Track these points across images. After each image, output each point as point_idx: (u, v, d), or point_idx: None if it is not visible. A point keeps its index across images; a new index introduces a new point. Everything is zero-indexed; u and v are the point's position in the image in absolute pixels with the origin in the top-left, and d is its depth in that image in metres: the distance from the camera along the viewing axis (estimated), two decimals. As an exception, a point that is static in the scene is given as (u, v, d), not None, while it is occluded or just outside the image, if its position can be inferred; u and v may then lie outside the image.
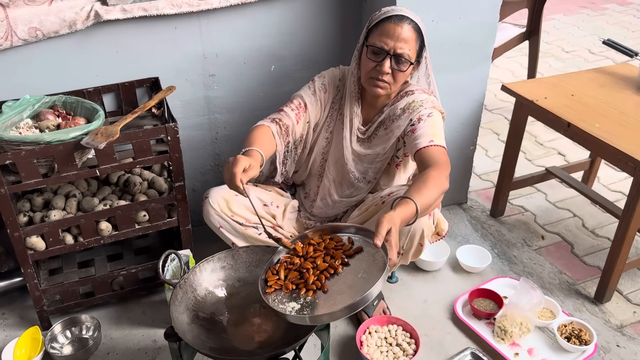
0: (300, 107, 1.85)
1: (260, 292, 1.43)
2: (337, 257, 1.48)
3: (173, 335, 1.46)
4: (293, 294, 1.43)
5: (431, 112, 1.76)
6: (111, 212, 1.82)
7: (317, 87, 1.88)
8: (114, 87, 1.97)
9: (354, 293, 1.37)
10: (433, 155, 1.66)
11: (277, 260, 1.53)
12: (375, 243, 1.37)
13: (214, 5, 1.95)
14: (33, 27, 1.78)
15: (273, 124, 1.80)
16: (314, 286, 1.43)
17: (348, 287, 1.41)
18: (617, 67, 2.45)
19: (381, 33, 1.68)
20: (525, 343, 1.89)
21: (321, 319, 1.36)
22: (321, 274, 1.45)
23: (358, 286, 1.40)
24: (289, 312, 1.38)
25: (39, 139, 1.62)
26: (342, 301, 1.37)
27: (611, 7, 5.39)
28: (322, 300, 1.40)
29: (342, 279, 1.45)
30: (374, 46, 1.69)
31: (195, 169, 2.31)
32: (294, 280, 1.45)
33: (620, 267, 2.02)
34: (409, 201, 1.47)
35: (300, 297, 1.42)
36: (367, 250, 1.50)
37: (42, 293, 1.87)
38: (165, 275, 1.68)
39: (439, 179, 1.57)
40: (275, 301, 1.42)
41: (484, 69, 2.27)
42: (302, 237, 1.58)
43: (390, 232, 1.39)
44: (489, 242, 2.40)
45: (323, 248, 1.52)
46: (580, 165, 2.66)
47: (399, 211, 1.44)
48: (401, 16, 1.68)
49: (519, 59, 4.13)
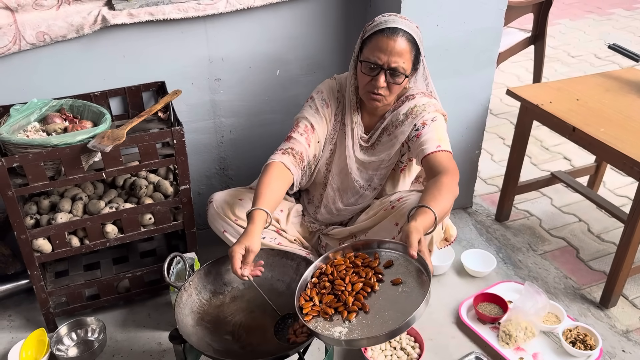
0: (307, 129, 1.83)
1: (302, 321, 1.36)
2: (369, 274, 1.44)
3: (178, 338, 1.46)
4: (334, 318, 1.37)
5: (435, 117, 1.76)
6: (117, 215, 1.83)
7: (319, 105, 1.86)
8: (121, 91, 1.99)
9: (400, 308, 1.33)
10: (441, 161, 1.66)
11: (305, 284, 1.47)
12: (411, 254, 1.36)
13: (220, 9, 1.96)
14: (41, 32, 1.80)
15: (285, 155, 1.78)
16: (355, 307, 1.37)
17: (391, 303, 1.37)
18: (623, 71, 2.45)
19: (374, 48, 1.66)
20: (530, 348, 1.88)
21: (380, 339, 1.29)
22: (358, 293, 1.40)
23: (401, 300, 1.36)
24: (339, 337, 1.31)
25: (46, 142, 1.63)
26: (390, 318, 1.32)
27: (617, 12, 5.38)
28: (369, 320, 1.35)
29: (382, 296, 1.40)
30: (367, 61, 1.68)
31: (201, 173, 2.32)
32: (332, 304, 1.39)
33: (625, 272, 2.01)
34: (428, 210, 1.47)
35: (344, 321, 1.35)
36: (397, 263, 1.46)
37: (48, 295, 1.88)
38: (170, 277, 1.68)
39: (451, 186, 1.58)
40: (317, 328, 1.35)
41: (489, 73, 2.28)
42: (324, 258, 1.52)
43: (420, 242, 1.39)
44: (494, 246, 2.39)
45: (351, 266, 1.48)
46: (585, 169, 2.65)
47: (420, 220, 1.44)
48: (394, 29, 1.65)
49: (525, 63, 4.12)
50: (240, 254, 1.50)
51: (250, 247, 1.51)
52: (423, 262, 1.38)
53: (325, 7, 2.15)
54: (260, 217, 1.59)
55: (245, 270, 1.50)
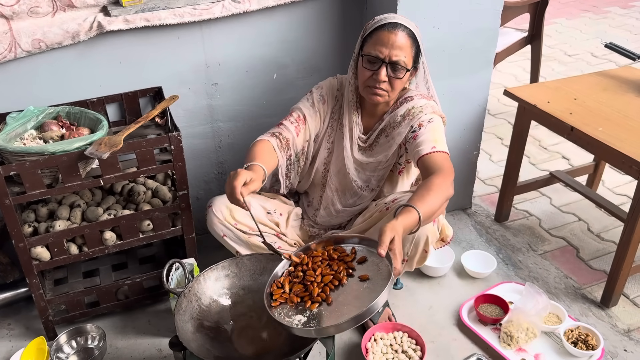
0: (299, 119, 1.86)
1: (266, 305, 1.42)
2: (340, 267, 1.47)
3: (178, 344, 1.46)
4: (299, 306, 1.42)
5: (432, 118, 1.76)
6: (115, 222, 1.82)
7: (316, 99, 1.88)
8: (117, 97, 1.98)
9: (360, 303, 1.36)
10: (436, 161, 1.66)
11: (281, 273, 1.52)
12: (379, 252, 1.36)
13: (216, 14, 1.96)
14: (37, 39, 1.80)
15: (273, 137, 1.82)
16: (319, 298, 1.41)
17: (354, 298, 1.40)
18: (620, 70, 2.45)
19: (375, 42, 1.68)
20: (531, 348, 1.88)
21: (327, 331, 1.35)
22: (326, 285, 1.44)
23: (363, 296, 1.39)
24: (295, 325, 1.37)
25: (43, 149, 1.63)
26: (348, 312, 1.35)
27: (613, 10, 5.39)
28: (328, 312, 1.39)
29: (347, 290, 1.43)
30: (369, 55, 1.69)
31: (199, 178, 2.31)
32: (299, 293, 1.44)
33: (626, 271, 2.01)
34: (412, 209, 1.47)
35: (306, 310, 1.40)
36: (371, 260, 1.49)
37: (48, 303, 1.88)
38: (169, 284, 1.68)
39: (442, 186, 1.57)
40: (281, 314, 1.40)
41: (486, 74, 2.28)
42: (305, 249, 1.57)
43: (393, 241, 1.38)
44: (494, 247, 2.39)
45: (327, 259, 1.51)
46: (584, 168, 2.65)
47: (402, 219, 1.44)
48: (395, 23, 1.68)
49: (522, 63, 4.12)
50: (245, 179, 1.52)
51: (254, 179, 1.54)
52: (390, 260, 1.39)
53: (321, 10, 2.15)
54: (260, 170, 1.61)
55: (245, 192, 1.51)
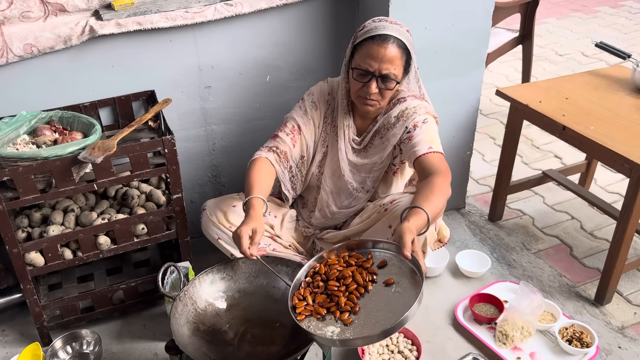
0: (294, 130, 1.86)
1: (295, 320, 1.38)
2: (363, 274, 1.44)
3: (174, 348, 1.45)
4: (326, 317, 1.39)
5: (426, 119, 1.77)
6: (110, 226, 1.82)
7: (308, 106, 1.88)
8: (110, 101, 1.98)
9: (393, 308, 1.34)
10: (433, 162, 1.67)
11: (299, 284, 1.49)
12: (405, 255, 1.37)
13: (208, 17, 1.96)
14: (28, 44, 1.79)
15: (270, 152, 1.82)
16: (347, 307, 1.38)
17: (385, 304, 1.37)
18: (611, 69, 2.47)
19: (365, 55, 1.67)
20: (526, 347, 1.89)
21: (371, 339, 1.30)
22: (351, 294, 1.41)
23: (394, 301, 1.37)
24: (331, 336, 1.33)
25: (36, 154, 1.62)
26: (385, 318, 1.33)
27: (603, 10, 5.43)
28: (362, 320, 1.35)
29: (376, 296, 1.40)
30: (359, 68, 1.69)
31: (193, 181, 2.31)
32: (324, 304, 1.41)
33: (619, 268, 2.02)
34: (420, 210, 1.47)
35: (336, 320, 1.37)
36: (391, 263, 1.47)
37: (42, 309, 1.87)
38: (165, 288, 1.68)
39: (443, 186, 1.58)
40: (310, 327, 1.36)
41: (478, 74, 2.29)
42: (318, 258, 1.54)
43: (413, 242, 1.39)
44: (488, 246, 2.40)
45: (344, 266, 1.48)
46: (576, 167, 2.67)
47: (413, 221, 1.44)
48: (385, 36, 1.65)
49: (514, 63, 4.15)
50: (248, 235, 1.52)
51: (257, 228, 1.54)
52: (416, 262, 1.38)
53: (313, 13, 2.15)
54: (259, 204, 1.62)
55: (254, 250, 1.53)
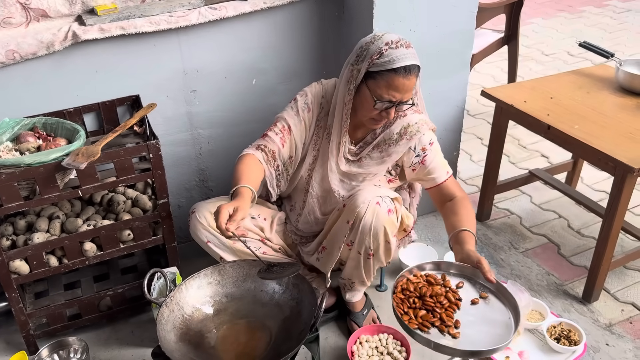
0: (284, 129, 1.82)
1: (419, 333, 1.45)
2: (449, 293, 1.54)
3: (161, 355, 1.44)
4: (431, 331, 1.47)
5: (431, 139, 1.79)
6: (95, 233, 1.80)
7: (300, 107, 1.83)
8: (95, 107, 1.97)
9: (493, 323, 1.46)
10: (453, 186, 1.84)
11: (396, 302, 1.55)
12: (490, 279, 1.53)
13: (193, 21, 1.95)
14: (10, 50, 1.78)
15: (258, 151, 1.80)
16: (450, 322, 1.47)
17: (481, 320, 1.48)
18: (595, 68, 2.48)
19: (389, 87, 1.63)
20: (515, 346, 1.89)
21: (486, 352, 1.39)
22: (446, 310, 1.50)
23: (490, 316, 1.49)
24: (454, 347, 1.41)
25: (19, 161, 1.61)
26: (492, 332, 1.44)
27: (588, 10, 5.48)
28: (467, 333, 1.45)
29: (468, 313, 1.50)
30: (381, 100, 1.64)
31: (180, 185, 2.30)
32: (427, 318, 1.49)
33: (606, 265, 2.03)
34: (470, 234, 1.66)
35: (443, 333, 1.46)
36: (467, 284, 1.59)
37: (28, 317, 1.85)
38: (151, 294, 1.67)
39: (470, 206, 1.78)
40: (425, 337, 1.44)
41: (463, 75, 2.30)
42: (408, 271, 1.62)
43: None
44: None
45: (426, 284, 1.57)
46: (563, 166, 2.69)
47: (472, 244, 1.64)
48: (409, 68, 1.61)
49: (500, 63, 4.17)
50: (228, 212, 1.51)
51: (239, 206, 1.52)
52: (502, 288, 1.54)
53: (299, 16, 2.15)
54: (247, 191, 1.61)
55: (232, 226, 1.49)
